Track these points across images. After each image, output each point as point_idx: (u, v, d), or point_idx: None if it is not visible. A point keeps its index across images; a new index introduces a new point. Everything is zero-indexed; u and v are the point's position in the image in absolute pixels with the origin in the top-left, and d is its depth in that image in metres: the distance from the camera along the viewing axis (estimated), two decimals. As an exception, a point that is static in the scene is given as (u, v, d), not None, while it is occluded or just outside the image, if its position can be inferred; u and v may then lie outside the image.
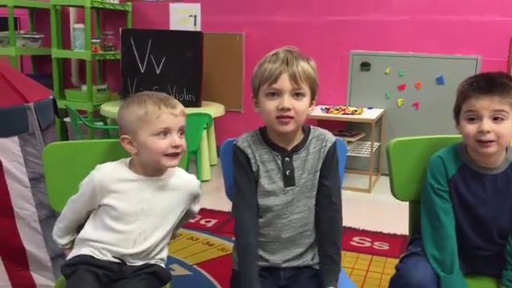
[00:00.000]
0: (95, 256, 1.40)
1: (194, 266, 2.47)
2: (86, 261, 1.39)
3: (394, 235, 2.88)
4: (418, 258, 1.48)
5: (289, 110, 1.33)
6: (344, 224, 1.42)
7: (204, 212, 3.21)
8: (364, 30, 4.06)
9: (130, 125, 1.41)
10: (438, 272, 1.45)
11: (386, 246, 2.77)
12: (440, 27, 3.86)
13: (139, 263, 1.44)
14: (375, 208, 3.41)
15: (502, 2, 3.68)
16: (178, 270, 2.42)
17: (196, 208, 1.58)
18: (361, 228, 2.98)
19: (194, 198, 1.54)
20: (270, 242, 1.44)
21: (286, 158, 1.41)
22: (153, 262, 1.46)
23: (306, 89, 1.35)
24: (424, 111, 3.98)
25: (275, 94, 1.34)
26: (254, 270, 1.38)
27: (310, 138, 1.43)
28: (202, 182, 3.81)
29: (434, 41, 3.89)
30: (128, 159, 1.47)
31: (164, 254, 1.50)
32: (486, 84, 1.40)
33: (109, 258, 1.40)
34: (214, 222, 3.07)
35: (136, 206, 1.42)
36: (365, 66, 4.09)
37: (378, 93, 4.08)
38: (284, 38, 4.25)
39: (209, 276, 2.38)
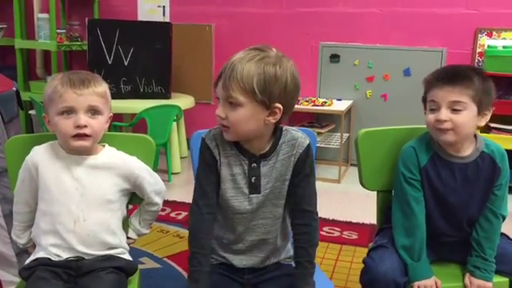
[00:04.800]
0: (52, 258, 1.37)
1: (164, 259, 2.46)
2: (44, 263, 1.36)
3: (363, 224, 2.93)
4: (384, 250, 1.51)
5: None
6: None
7: (174, 204, 3.19)
8: (333, 22, 4.08)
9: (44, 103, 1.41)
10: (405, 260, 1.48)
11: (354, 235, 2.81)
12: (407, 19, 3.91)
13: (98, 253, 1.40)
14: (344, 198, 3.46)
15: (467, -5, 3.76)
16: (148, 263, 2.40)
17: (156, 198, 1.53)
18: (330, 218, 3.02)
19: (134, 179, 1.46)
20: (230, 245, 1.40)
21: (253, 164, 1.32)
22: (113, 253, 1.43)
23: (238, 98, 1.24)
24: (392, 102, 4.04)
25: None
26: (204, 273, 1.31)
27: (280, 142, 1.33)
28: (172, 174, 3.78)
29: (401, 33, 3.94)
30: None
31: (123, 243, 1.47)
32: (446, 75, 1.44)
33: (65, 257, 1.38)
34: (184, 214, 3.05)
35: (69, 185, 1.39)
36: (334, 57, 4.12)
37: (347, 84, 4.12)
38: (254, 30, 4.25)
39: (179, 268, 2.37)
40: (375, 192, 1.70)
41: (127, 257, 1.47)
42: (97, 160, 1.43)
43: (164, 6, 4.47)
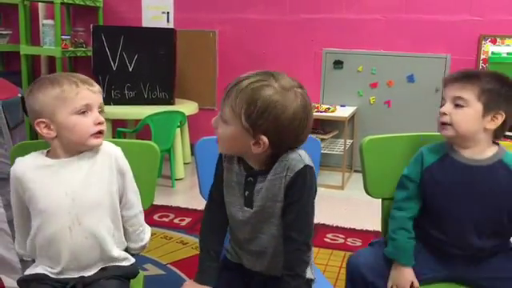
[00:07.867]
0: (50, 275, 1.34)
1: (168, 265, 2.46)
2: (41, 279, 1.33)
3: (367, 231, 2.92)
4: (371, 248, 1.59)
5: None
6: (318, 221, 1.42)
7: (178, 210, 3.19)
8: (337, 28, 4.09)
9: (45, 106, 1.30)
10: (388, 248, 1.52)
11: (358, 242, 2.80)
12: (411, 26, 3.92)
13: (97, 266, 1.37)
14: (348, 204, 3.45)
15: (471, 1, 3.76)
16: (151, 270, 2.39)
17: (133, 197, 1.44)
18: (334, 225, 3.00)
19: (120, 169, 1.39)
20: (239, 249, 1.40)
21: (250, 178, 1.29)
22: (112, 263, 1.39)
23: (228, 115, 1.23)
24: (396, 109, 4.04)
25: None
26: (208, 267, 1.34)
27: (277, 162, 1.26)
28: (176, 180, 3.78)
29: (405, 39, 3.95)
30: (46, 150, 1.39)
31: (122, 254, 1.42)
32: (456, 74, 1.47)
33: (63, 276, 1.34)
34: (187, 220, 3.05)
35: (58, 191, 1.32)
36: (338, 63, 4.13)
37: (351, 91, 4.13)
38: (257, 36, 4.26)
39: (183, 275, 2.36)
40: (379, 199, 1.69)
41: (128, 262, 1.43)
42: (82, 159, 1.36)
43: (168, 13, 4.50)
